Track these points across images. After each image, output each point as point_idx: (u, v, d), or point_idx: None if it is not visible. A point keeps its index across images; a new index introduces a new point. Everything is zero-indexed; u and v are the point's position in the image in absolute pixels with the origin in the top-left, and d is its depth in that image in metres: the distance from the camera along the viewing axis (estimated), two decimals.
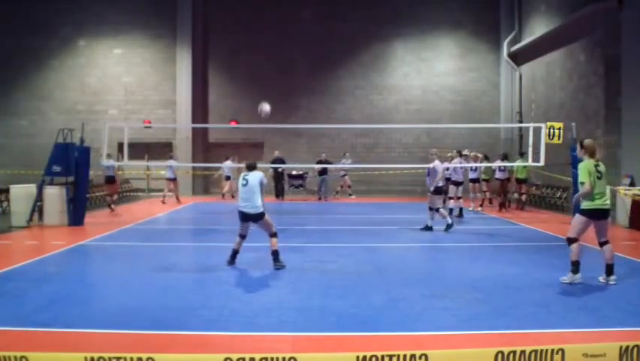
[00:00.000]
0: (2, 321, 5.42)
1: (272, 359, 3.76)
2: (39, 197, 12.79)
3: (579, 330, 5.16)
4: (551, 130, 13.07)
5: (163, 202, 18.53)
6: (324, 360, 4.19)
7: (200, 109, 22.52)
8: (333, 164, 19.71)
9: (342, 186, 20.91)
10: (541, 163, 12.96)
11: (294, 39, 22.55)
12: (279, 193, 20.63)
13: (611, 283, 6.97)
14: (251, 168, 8.13)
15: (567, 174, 14.26)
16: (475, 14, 22.57)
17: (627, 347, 3.98)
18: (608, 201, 7.01)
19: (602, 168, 6.95)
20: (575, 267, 7.02)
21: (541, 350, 3.91)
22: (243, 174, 8.08)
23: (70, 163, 12.93)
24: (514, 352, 3.89)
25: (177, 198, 19.02)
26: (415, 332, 5.21)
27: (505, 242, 10.83)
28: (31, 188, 13.08)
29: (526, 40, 20.54)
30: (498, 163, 16.56)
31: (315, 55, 22.59)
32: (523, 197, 17.02)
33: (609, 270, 7.02)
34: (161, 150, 22.72)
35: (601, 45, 15.20)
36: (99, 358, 3.73)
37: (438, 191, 11.91)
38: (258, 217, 7.91)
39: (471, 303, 6.16)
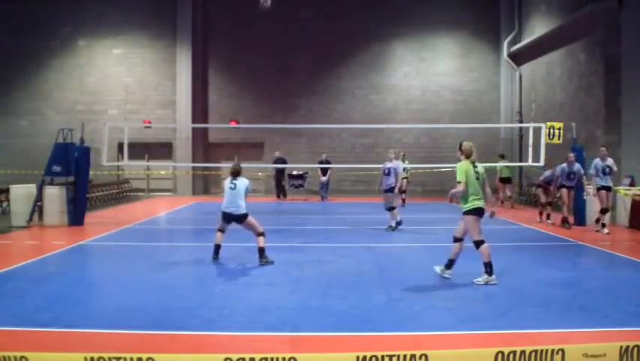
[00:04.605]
0: (2, 321, 5.42)
1: (272, 359, 3.76)
2: (39, 197, 12.79)
3: (579, 330, 5.16)
4: (551, 130, 13.09)
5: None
6: (324, 360, 4.19)
7: (200, 109, 22.52)
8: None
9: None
10: (541, 163, 12.97)
11: (294, 39, 22.56)
12: (281, 193, 20.67)
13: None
14: (236, 173, 8.50)
15: None
16: (475, 14, 22.57)
17: (627, 347, 3.98)
18: (483, 202, 7.15)
19: (479, 170, 7.14)
20: (489, 268, 7.05)
21: (541, 350, 3.91)
22: (229, 179, 8.47)
23: (70, 163, 12.93)
24: (514, 352, 3.89)
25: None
26: (415, 332, 5.21)
27: (505, 242, 10.81)
28: (31, 188, 13.08)
29: (526, 40, 20.54)
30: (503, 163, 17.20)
31: (315, 55, 22.59)
32: (508, 194, 17.83)
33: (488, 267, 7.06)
34: (161, 149, 22.77)
35: (601, 45, 15.20)
36: (99, 358, 3.73)
37: (395, 190, 12.09)
38: (241, 218, 8.35)
39: (471, 303, 6.16)
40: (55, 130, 13.53)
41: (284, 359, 3.76)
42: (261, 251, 8.32)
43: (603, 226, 11.60)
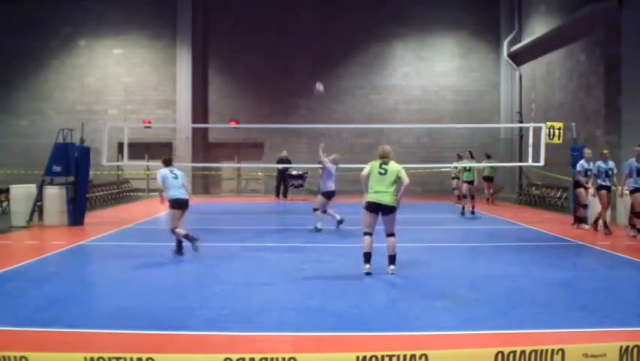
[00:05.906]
0: (2, 321, 5.41)
1: (272, 359, 3.76)
2: (39, 197, 12.78)
3: (579, 330, 5.15)
4: (551, 130, 13.10)
5: None
6: (324, 360, 4.19)
7: (200, 109, 22.52)
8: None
9: None
10: (541, 163, 12.97)
11: (294, 39, 22.56)
12: (282, 193, 20.64)
13: (390, 272, 7.48)
14: (170, 162, 9.21)
15: (567, 174, 14.25)
16: (475, 14, 22.58)
17: (627, 347, 3.98)
18: (384, 198, 7.51)
19: (388, 167, 7.55)
20: (367, 258, 7.57)
21: (541, 350, 3.91)
22: (169, 169, 9.01)
23: (70, 163, 12.92)
24: (514, 352, 3.89)
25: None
26: (414, 332, 5.21)
27: (505, 242, 10.82)
28: (31, 188, 13.07)
29: (526, 40, 20.55)
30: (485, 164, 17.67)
31: (315, 55, 22.58)
32: (490, 191, 18.54)
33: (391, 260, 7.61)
34: (161, 150, 22.75)
35: (601, 45, 15.20)
36: (99, 358, 3.73)
37: (327, 194, 11.82)
38: (188, 203, 9.05)
39: (471, 303, 6.15)
40: (56, 130, 13.52)
41: (284, 359, 3.75)
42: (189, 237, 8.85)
43: (638, 230, 10.89)
